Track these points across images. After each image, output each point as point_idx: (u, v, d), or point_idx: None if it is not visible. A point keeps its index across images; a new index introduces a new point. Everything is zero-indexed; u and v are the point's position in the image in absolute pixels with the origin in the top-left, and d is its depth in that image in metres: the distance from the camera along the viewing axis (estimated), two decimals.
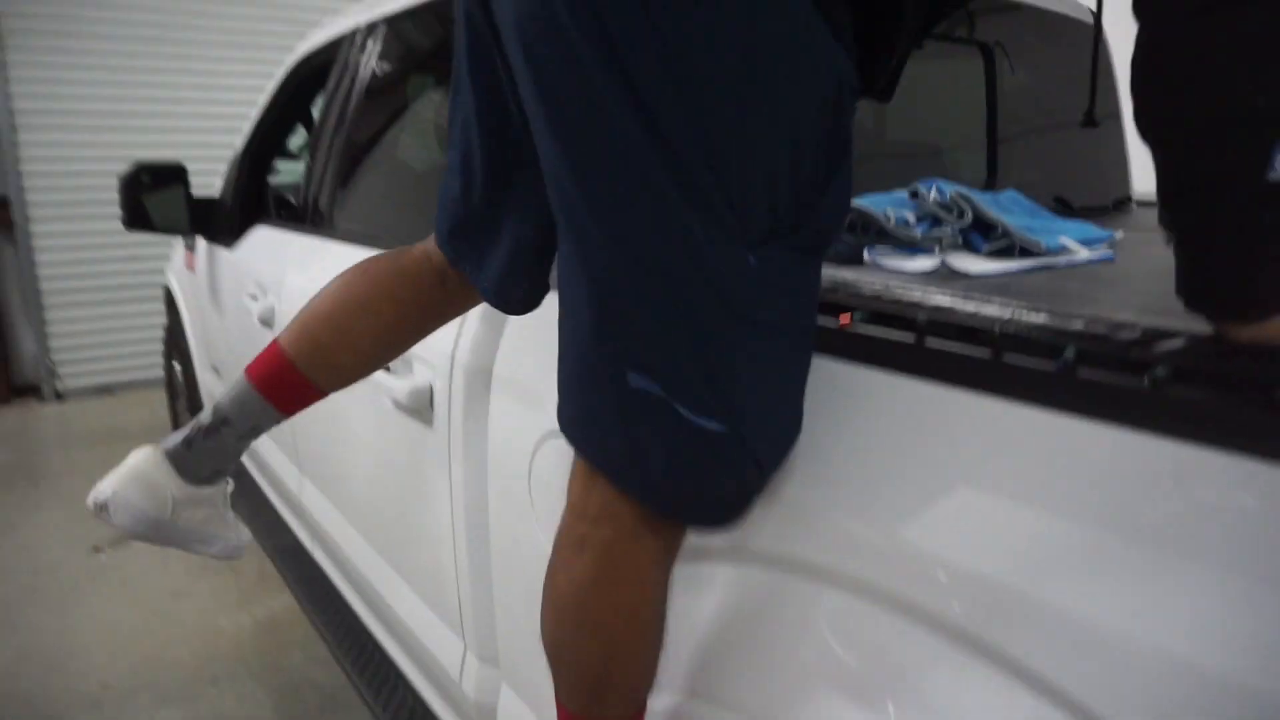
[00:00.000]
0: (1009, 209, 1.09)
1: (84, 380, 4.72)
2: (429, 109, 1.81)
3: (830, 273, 0.84)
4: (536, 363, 1.10)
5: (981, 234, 0.99)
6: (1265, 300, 0.57)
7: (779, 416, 0.69)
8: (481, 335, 1.20)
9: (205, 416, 1.01)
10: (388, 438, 1.48)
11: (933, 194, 1.02)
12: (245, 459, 2.55)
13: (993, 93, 1.74)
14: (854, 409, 0.71)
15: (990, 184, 1.75)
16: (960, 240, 1.00)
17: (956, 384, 0.65)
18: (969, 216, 0.99)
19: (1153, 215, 1.92)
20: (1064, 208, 1.96)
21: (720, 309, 0.64)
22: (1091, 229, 1.16)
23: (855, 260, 0.97)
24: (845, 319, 0.77)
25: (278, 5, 4.98)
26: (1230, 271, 0.58)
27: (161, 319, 3.49)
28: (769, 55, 0.61)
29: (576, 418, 0.72)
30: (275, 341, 1.00)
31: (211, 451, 1.01)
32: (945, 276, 0.86)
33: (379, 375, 1.33)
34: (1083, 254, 0.98)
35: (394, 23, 1.82)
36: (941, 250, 0.99)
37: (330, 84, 2.03)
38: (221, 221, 2.51)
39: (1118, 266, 0.97)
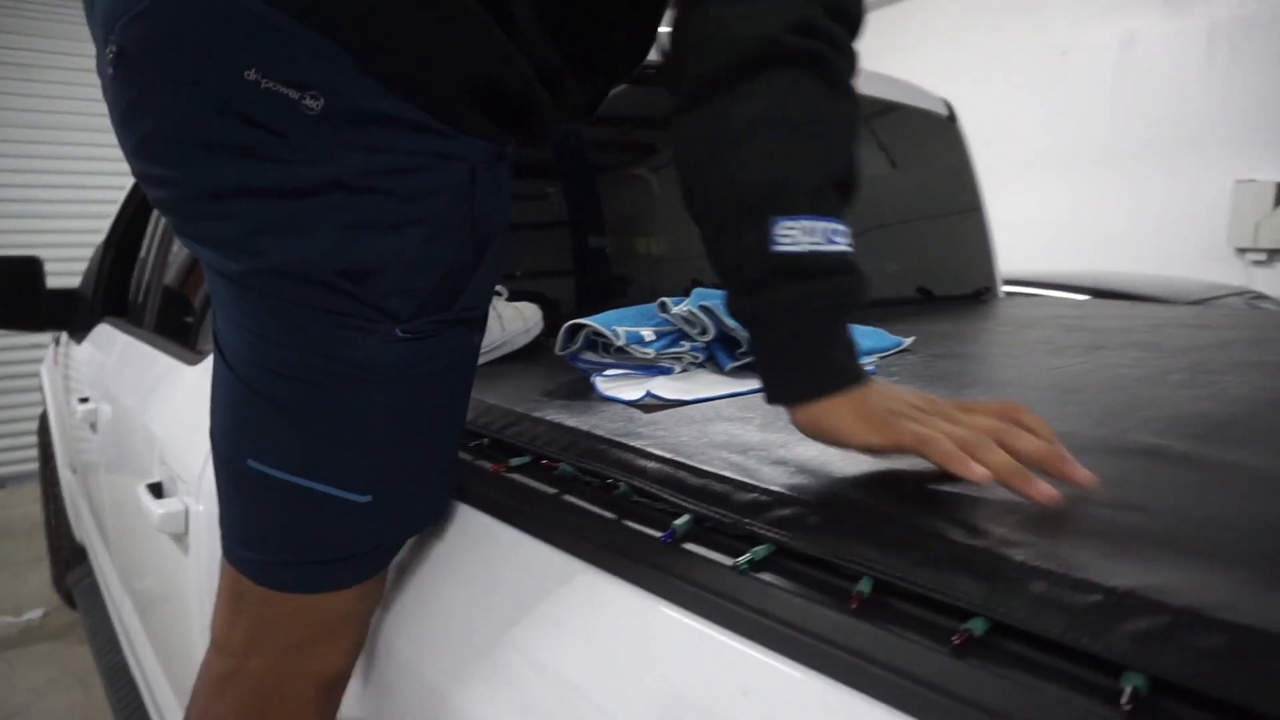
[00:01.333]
0: None
1: None
2: None
3: (512, 406, 0.75)
4: None
5: (726, 348, 0.91)
6: (813, 381, 0.54)
7: (423, 480, 0.65)
8: None
9: None
10: (161, 565, 1.35)
11: (679, 307, 0.94)
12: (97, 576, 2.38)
13: None
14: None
15: None
16: (703, 357, 0.92)
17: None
18: (712, 331, 0.91)
19: (1014, 303, 1.86)
20: (926, 297, 1.92)
21: (364, 381, 0.59)
22: (879, 337, 1.09)
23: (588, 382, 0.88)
24: (497, 468, 0.67)
25: None
26: (773, 353, 0.56)
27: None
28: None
29: (228, 530, 0.67)
30: None
31: None
32: (650, 406, 0.77)
33: (144, 497, 1.22)
34: None
35: None
36: (683, 368, 0.90)
37: None
38: (79, 314, 2.40)
39: None
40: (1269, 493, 0.53)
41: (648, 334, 0.91)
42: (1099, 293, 3.25)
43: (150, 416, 1.44)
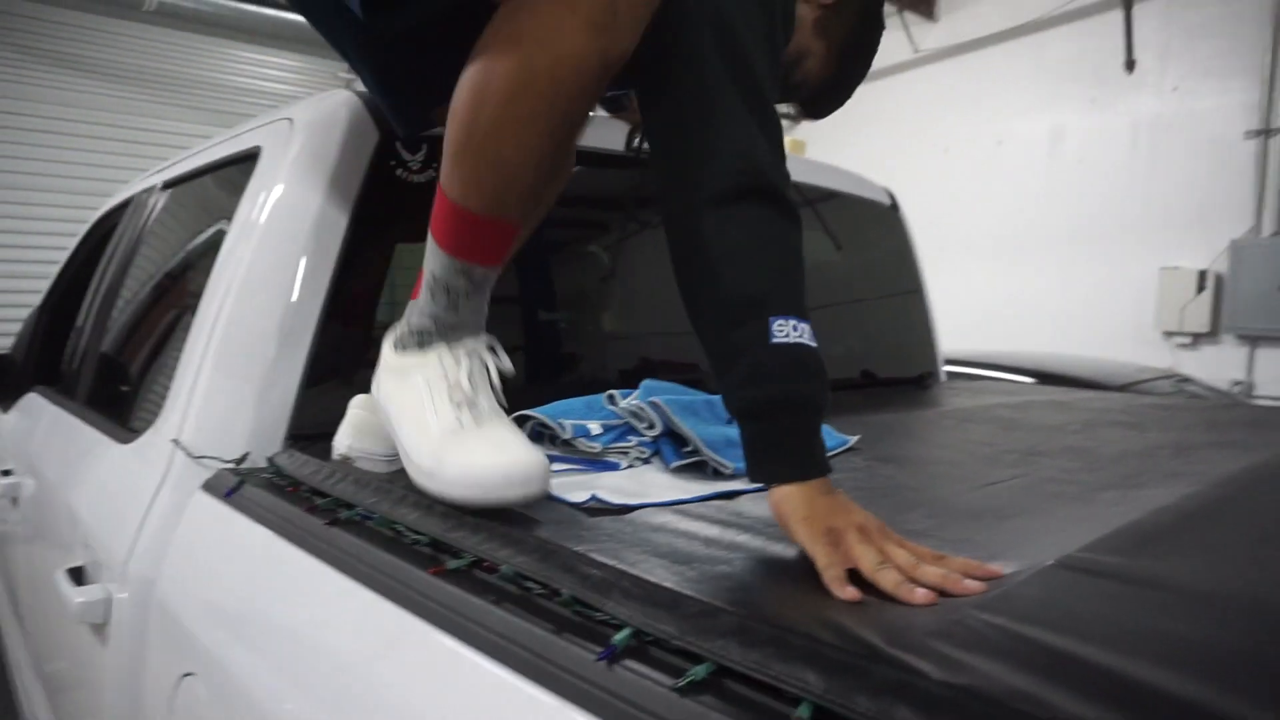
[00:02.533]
0: (724, 415, 1.03)
1: None
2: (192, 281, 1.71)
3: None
4: (196, 581, 0.96)
5: (674, 445, 0.92)
6: (799, 466, 0.66)
7: None
8: (151, 547, 1.05)
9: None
10: (77, 655, 1.28)
11: (627, 401, 0.94)
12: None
13: None
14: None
15: None
16: (650, 451, 0.92)
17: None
18: (659, 426, 0.92)
19: (956, 390, 1.89)
20: (870, 380, 1.96)
21: None
22: (826, 434, 1.10)
23: None
24: (436, 570, 0.66)
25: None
26: (766, 437, 0.68)
27: None
28: None
29: None
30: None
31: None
32: (594, 510, 0.76)
33: (62, 583, 1.17)
34: None
35: (172, 185, 1.74)
36: (629, 463, 0.90)
37: (110, 246, 1.92)
38: (7, 381, 2.31)
39: None
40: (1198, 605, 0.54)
41: (595, 428, 0.91)
42: (1036, 374, 3.35)
43: (75, 496, 1.39)
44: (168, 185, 1.77)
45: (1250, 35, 4.77)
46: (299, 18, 5.59)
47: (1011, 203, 5.75)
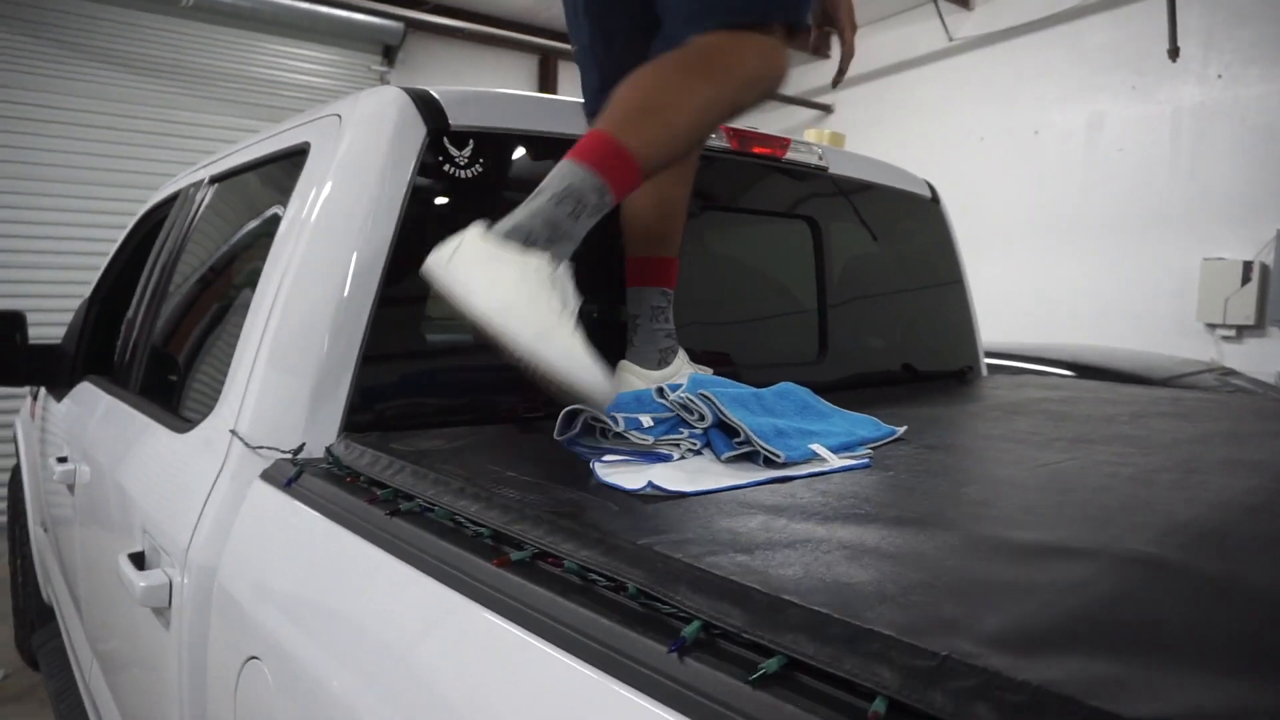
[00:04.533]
0: (775, 407, 1.03)
1: None
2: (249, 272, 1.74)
3: (531, 495, 0.76)
4: (258, 569, 0.98)
5: (725, 435, 0.92)
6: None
7: None
8: (212, 534, 1.08)
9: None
10: (139, 636, 1.32)
11: (677, 394, 0.95)
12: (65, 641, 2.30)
13: (821, 266, 1.73)
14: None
15: (821, 356, 1.72)
16: (701, 443, 0.93)
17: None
18: (710, 418, 0.92)
19: (997, 384, 1.87)
20: (911, 374, 1.94)
21: None
22: (874, 426, 1.10)
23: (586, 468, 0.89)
24: (500, 562, 0.67)
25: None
26: None
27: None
28: None
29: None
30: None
31: (645, 336, 1.29)
32: (650, 497, 0.77)
33: (125, 567, 1.20)
34: (834, 463, 0.92)
35: (220, 180, 1.78)
36: (680, 454, 0.91)
37: (159, 239, 1.96)
38: (60, 370, 2.37)
39: (854, 479, 0.89)
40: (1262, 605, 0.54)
41: (646, 420, 0.92)
42: (1077, 368, 3.31)
43: (133, 483, 1.42)
44: (215, 180, 1.80)
45: None
46: (333, 10, 5.66)
47: (1050, 193, 5.66)
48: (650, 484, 0.79)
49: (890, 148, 3.79)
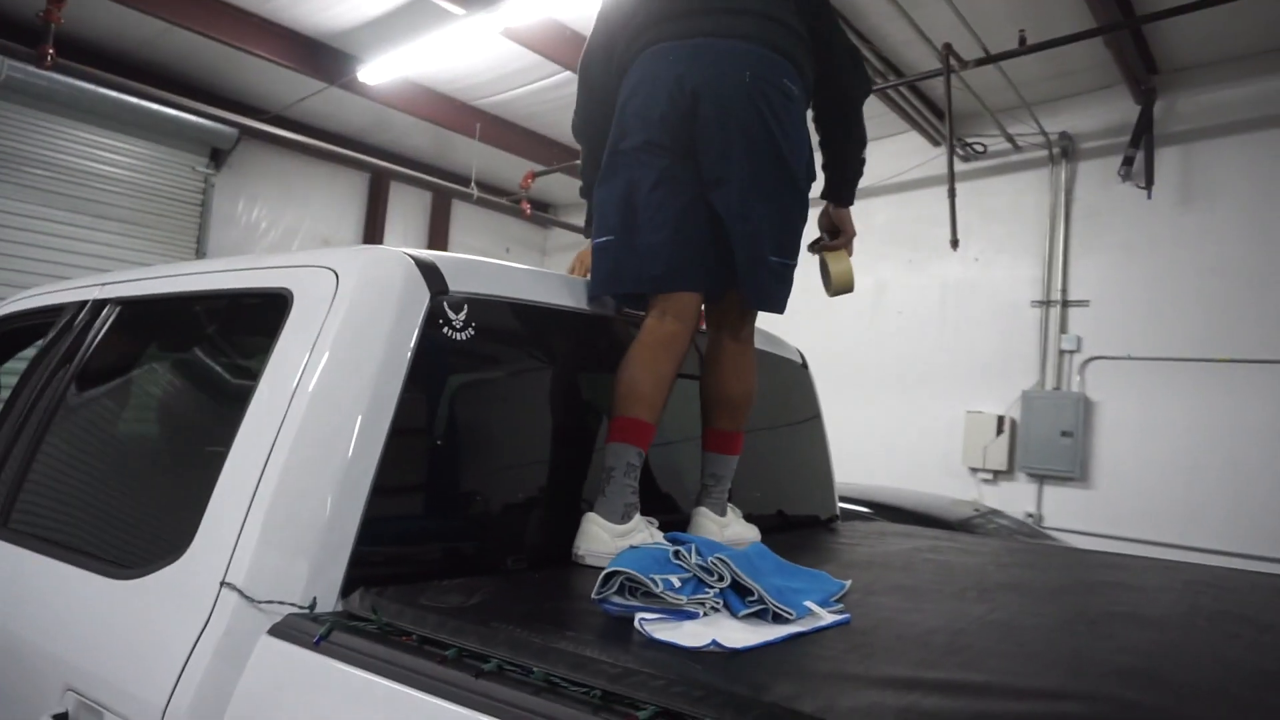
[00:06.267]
0: (760, 567, 1.19)
1: None
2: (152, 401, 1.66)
3: (612, 655, 0.85)
4: None
5: (738, 595, 1.07)
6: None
7: None
8: (203, 694, 1.04)
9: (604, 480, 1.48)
10: None
11: (693, 556, 1.09)
12: None
13: None
14: None
15: None
16: (721, 602, 1.07)
17: None
18: (727, 579, 1.07)
19: (856, 531, 2.12)
20: (783, 520, 2.18)
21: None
22: (825, 581, 1.28)
23: (627, 623, 0.99)
24: (629, 717, 0.76)
25: None
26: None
27: None
28: None
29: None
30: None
31: (616, 490, 1.46)
32: (715, 654, 0.90)
33: None
34: (825, 619, 1.08)
35: (133, 305, 1.71)
36: (705, 613, 1.04)
37: (41, 366, 1.82)
38: None
39: (852, 630, 1.07)
40: None
41: (675, 581, 1.04)
42: (875, 506, 3.76)
43: (46, 638, 1.30)
44: (124, 303, 1.73)
45: (1032, 222, 5.75)
46: (159, 107, 5.42)
47: (842, 344, 6.39)
48: (714, 642, 0.91)
49: None
